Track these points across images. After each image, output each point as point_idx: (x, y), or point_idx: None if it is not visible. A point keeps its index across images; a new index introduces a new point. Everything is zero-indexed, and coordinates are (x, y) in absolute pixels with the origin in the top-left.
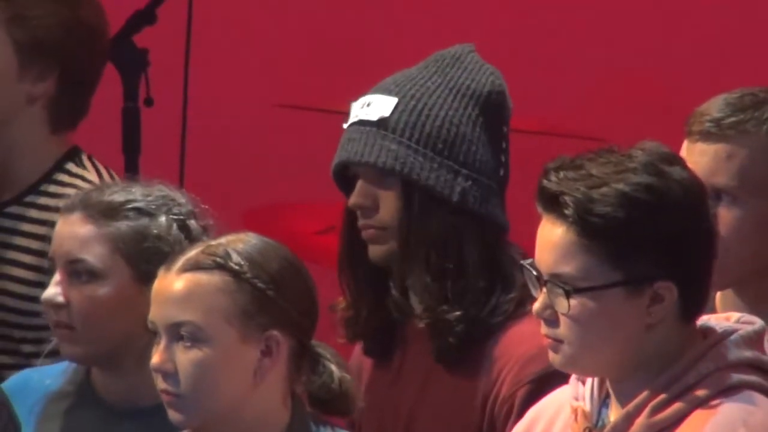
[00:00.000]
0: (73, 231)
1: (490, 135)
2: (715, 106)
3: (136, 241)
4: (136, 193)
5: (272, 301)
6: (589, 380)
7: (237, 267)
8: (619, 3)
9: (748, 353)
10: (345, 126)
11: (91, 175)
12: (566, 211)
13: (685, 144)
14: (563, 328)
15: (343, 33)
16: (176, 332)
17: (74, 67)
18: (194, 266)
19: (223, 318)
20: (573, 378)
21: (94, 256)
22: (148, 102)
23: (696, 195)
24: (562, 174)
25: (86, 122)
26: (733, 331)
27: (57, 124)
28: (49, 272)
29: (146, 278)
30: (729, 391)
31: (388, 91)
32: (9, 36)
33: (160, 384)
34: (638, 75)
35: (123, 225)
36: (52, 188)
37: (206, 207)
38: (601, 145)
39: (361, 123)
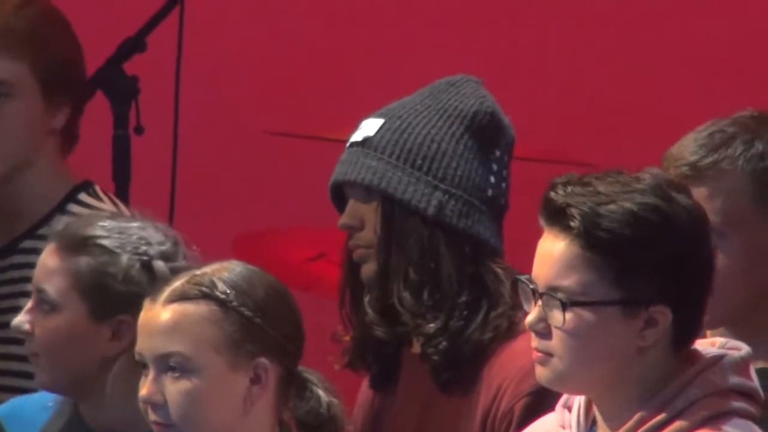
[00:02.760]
0: (44, 260)
1: (477, 154)
2: (687, 149)
3: (92, 278)
4: (107, 228)
5: (259, 328)
6: (575, 407)
7: (223, 296)
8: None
9: (735, 379)
10: None
11: (107, 206)
12: (572, 223)
13: None
14: (555, 342)
15: (334, 60)
16: (164, 363)
17: (82, 94)
18: (180, 297)
19: (211, 347)
20: (559, 406)
21: (53, 287)
22: (139, 130)
23: (700, 222)
24: (569, 188)
25: (77, 150)
26: (720, 357)
27: (65, 152)
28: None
29: (100, 316)
30: (717, 417)
31: (378, 115)
32: (34, 75)
33: (151, 416)
34: (636, 102)
35: (83, 260)
36: (65, 219)
37: (195, 249)
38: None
39: (351, 145)
